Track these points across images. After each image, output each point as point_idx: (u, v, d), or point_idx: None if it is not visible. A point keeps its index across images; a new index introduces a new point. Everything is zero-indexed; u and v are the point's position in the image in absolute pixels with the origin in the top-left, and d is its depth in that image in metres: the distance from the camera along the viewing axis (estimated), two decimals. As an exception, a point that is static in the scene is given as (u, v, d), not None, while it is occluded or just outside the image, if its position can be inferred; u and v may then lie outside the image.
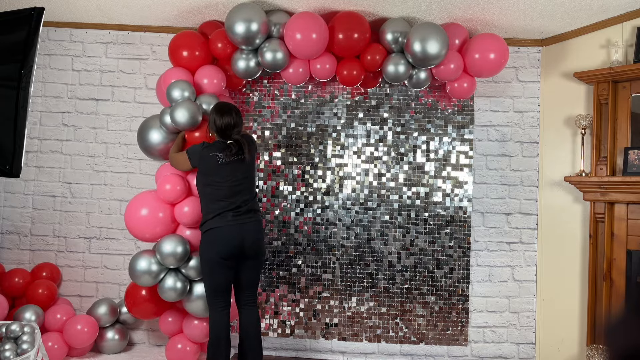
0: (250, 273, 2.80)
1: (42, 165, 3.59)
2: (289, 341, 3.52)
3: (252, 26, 2.92)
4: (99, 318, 3.25)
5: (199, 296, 2.94)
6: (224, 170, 2.69)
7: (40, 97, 3.59)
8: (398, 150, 3.53)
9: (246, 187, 2.75)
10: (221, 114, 2.74)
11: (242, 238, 2.67)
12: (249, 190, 2.76)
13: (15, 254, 3.56)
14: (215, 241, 2.66)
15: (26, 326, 2.53)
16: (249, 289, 2.82)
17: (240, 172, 2.72)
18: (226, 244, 2.65)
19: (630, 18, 3.04)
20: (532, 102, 3.53)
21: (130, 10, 3.31)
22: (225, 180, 2.69)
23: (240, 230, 2.68)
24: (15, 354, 2.40)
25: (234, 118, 2.74)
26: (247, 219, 2.71)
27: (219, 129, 2.73)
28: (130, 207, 2.97)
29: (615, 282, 3.03)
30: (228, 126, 2.72)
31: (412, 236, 3.50)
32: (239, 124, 2.77)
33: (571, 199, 3.33)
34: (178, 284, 2.89)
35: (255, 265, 2.80)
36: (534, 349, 3.48)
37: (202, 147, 2.76)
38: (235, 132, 2.74)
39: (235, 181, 2.70)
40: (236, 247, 2.67)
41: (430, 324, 3.48)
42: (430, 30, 2.96)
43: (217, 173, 2.69)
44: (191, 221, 2.95)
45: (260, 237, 2.77)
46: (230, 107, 2.79)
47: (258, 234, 2.75)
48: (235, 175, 2.70)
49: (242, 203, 2.71)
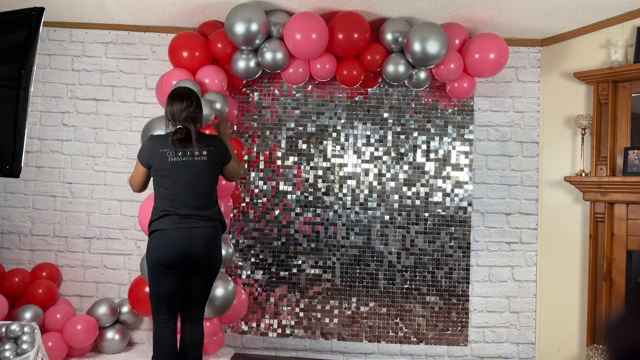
0: (197, 288, 2.50)
1: (42, 165, 3.59)
2: (289, 341, 3.52)
3: (252, 26, 2.92)
4: (99, 318, 3.25)
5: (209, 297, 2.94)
6: (175, 169, 2.41)
7: (40, 97, 3.59)
8: (398, 150, 3.53)
9: (201, 190, 2.44)
10: (172, 100, 2.45)
11: (188, 245, 2.37)
12: (205, 195, 2.46)
13: (15, 254, 3.56)
14: (158, 246, 2.38)
15: (26, 326, 2.53)
16: (196, 301, 2.52)
17: (193, 173, 2.42)
18: (169, 251, 2.36)
19: (630, 18, 3.04)
20: (532, 102, 3.53)
21: (130, 10, 3.31)
22: (173, 178, 2.41)
23: (187, 236, 2.37)
24: (15, 354, 2.40)
25: (185, 104, 2.42)
26: (197, 224, 2.40)
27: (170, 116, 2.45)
28: (145, 207, 2.93)
29: (615, 282, 3.03)
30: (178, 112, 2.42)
31: (412, 236, 3.50)
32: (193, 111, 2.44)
33: (571, 199, 3.33)
34: None
35: (205, 280, 2.50)
36: (534, 349, 3.48)
37: (150, 140, 2.49)
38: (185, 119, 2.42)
39: (188, 182, 2.41)
40: (180, 255, 2.36)
41: (430, 324, 3.48)
42: (430, 30, 2.96)
43: (167, 170, 2.41)
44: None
45: (212, 247, 2.44)
46: (184, 92, 2.48)
47: (210, 243, 2.43)
48: (187, 175, 2.41)
49: (193, 206, 2.41)
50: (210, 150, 2.47)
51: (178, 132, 2.41)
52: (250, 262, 3.53)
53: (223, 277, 3.05)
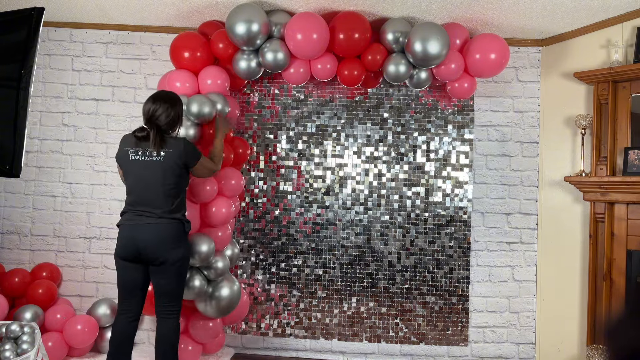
0: (158, 280, 2.56)
1: (42, 165, 3.59)
2: (289, 341, 3.52)
3: (253, 27, 2.92)
4: (99, 318, 3.25)
5: (214, 297, 2.94)
6: (134, 167, 2.53)
7: (40, 97, 3.59)
8: (398, 150, 3.53)
9: (157, 190, 2.50)
10: (146, 100, 2.57)
11: (135, 241, 2.47)
12: (161, 194, 2.51)
13: (15, 254, 3.56)
14: (118, 240, 2.54)
15: (26, 326, 2.53)
16: (161, 298, 2.59)
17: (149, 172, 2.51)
18: (123, 245, 2.51)
19: (630, 18, 3.04)
20: (532, 102, 3.53)
21: (130, 10, 3.30)
22: (134, 177, 2.53)
23: (136, 232, 2.48)
24: (15, 354, 2.40)
25: (154, 107, 2.52)
26: (148, 221, 2.49)
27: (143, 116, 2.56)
28: None
29: (615, 282, 3.03)
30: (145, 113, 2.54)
31: (412, 236, 3.50)
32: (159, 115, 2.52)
33: (571, 199, 3.33)
34: (197, 283, 2.89)
35: (163, 272, 2.53)
36: (534, 349, 3.48)
37: (121, 141, 2.62)
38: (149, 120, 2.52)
39: (144, 180, 2.51)
40: (132, 250, 2.49)
41: (430, 324, 3.48)
42: (431, 30, 2.96)
43: (128, 167, 2.55)
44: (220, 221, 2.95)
45: (163, 244, 2.48)
46: (158, 95, 2.58)
47: (160, 239, 2.48)
48: (144, 173, 2.51)
49: (148, 204, 2.50)
50: (168, 153, 2.52)
51: (138, 130, 2.55)
52: (250, 262, 3.53)
53: (229, 278, 3.05)
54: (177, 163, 2.52)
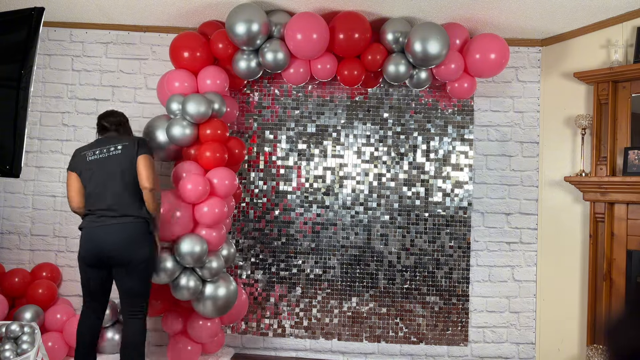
0: (122, 282, 2.55)
1: (42, 165, 3.59)
2: (289, 341, 3.52)
3: (253, 27, 2.92)
4: (99, 318, 3.25)
5: (210, 297, 2.94)
6: (92, 167, 2.55)
7: (40, 97, 3.59)
8: (398, 150, 3.53)
9: (119, 187, 2.52)
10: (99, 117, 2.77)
11: (99, 243, 2.47)
12: (121, 192, 2.52)
13: (15, 254, 3.56)
14: (81, 243, 2.53)
15: (26, 326, 2.53)
16: (126, 299, 2.58)
17: (109, 169, 2.54)
18: (86, 248, 2.50)
19: (630, 18, 3.04)
20: (532, 102, 3.53)
21: (130, 10, 3.30)
22: (93, 176, 2.54)
23: (100, 234, 2.48)
24: (15, 354, 2.40)
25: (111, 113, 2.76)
26: (112, 222, 2.48)
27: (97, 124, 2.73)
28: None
29: (615, 282, 3.03)
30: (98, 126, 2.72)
31: (412, 236, 3.50)
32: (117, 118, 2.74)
33: (571, 199, 3.33)
34: (191, 283, 2.89)
35: (128, 273, 2.52)
36: (534, 349, 3.48)
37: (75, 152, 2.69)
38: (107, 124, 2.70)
39: (103, 179, 2.53)
40: (94, 252, 2.48)
41: (430, 324, 3.48)
42: (431, 30, 2.96)
43: (86, 170, 2.56)
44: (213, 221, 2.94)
45: (125, 243, 2.47)
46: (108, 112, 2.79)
47: (122, 238, 2.47)
48: (103, 171, 2.54)
49: (110, 204, 2.50)
50: (125, 146, 2.60)
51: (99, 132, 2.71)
52: (250, 262, 3.53)
53: (225, 277, 3.05)
54: (133, 155, 2.57)
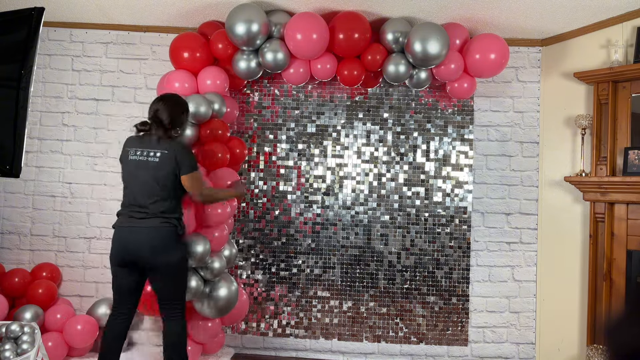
0: (156, 284, 2.55)
1: (42, 165, 3.59)
2: (289, 341, 3.52)
3: (253, 27, 2.92)
4: (99, 318, 3.25)
5: (211, 297, 2.94)
6: (131, 166, 2.52)
7: (40, 97, 3.59)
8: (398, 150, 3.53)
9: (152, 191, 2.48)
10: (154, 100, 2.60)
11: (127, 247, 2.45)
12: (155, 196, 2.48)
13: (15, 254, 3.56)
14: (112, 243, 2.50)
15: (26, 326, 2.52)
16: (162, 301, 2.57)
17: (146, 174, 2.48)
18: (116, 249, 2.48)
19: (630, 18, 3.04)
20: (532, 102, 3.53)
21: (130, 10, 3.30)
22: (130, 176, 2.52)
23: (129, 236, 2.46)
24: (15, 354, 2.40)
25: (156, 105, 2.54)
26: (142, 224, 2.45)
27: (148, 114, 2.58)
28: None
29: (615, 282, 3.03)
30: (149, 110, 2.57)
31: (412, 236, 3.50)
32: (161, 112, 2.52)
33: (571, 199, 3.33)
34: (193, 283, 2.89)
35: (159, 277, 2.52)
36: (534, 349, 3.48)
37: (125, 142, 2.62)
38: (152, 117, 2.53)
39: (139, 181, 2.49)
40: (123, 256, 2.46)
41: (430, 324, 3.48)
42: (430, 30, 2.96)
43: (126, 168, 2.55)
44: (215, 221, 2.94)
45: (151, 246, 2.44)
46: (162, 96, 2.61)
47: (148, 242, 2.44)
48: (140, 174, 2.49)
49: (141, 206, 2.47)
50: (163, 154, 2.50)
51: (140, 124, 2.56)
52: (250, 262, 3.53)
53: (226, 278, 3.05)
54: (171, 165, 2.49)
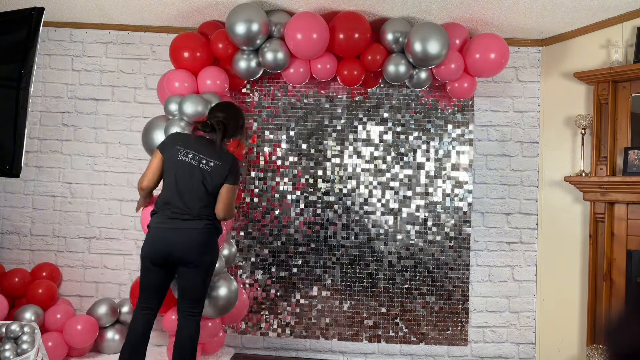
0: (185, 281, 2.55)
1: (42, 165, 3.59)
2: (289, 341, 3.52)
3: (253, 26, 2.92)
4: (99, 318, 3.25)
5: (211, 297, 2.94)
6: (179, 168, 2.49)
7: (40, 97, 3.59)
8: (398, 150, 3.53)
9: (198, 197, 2.48)
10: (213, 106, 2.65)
11: (168, 245, 2.44)
12: (199, 201, 2.49)
13: (15, 254, 3.56)
14: (147, 241, 2.49)
15: (26, 326, 2.53)
16: (186, 298, 2.57)
17: (194, 179, 2.48)
18: (153, 248, 2.47)
19: (630, 18, 3.04)
20: (532, 102, 3.53)
21: (130, 10, 3.30)
22: (179, 177, 2.48)
23: (170, 235, 2.45)
24: (15, 354, 2.40)
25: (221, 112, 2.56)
26: (182, 224, 2.46)
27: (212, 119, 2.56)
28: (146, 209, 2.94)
29: (615, 282, 3.03)
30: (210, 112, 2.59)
31: (412, 236, 3.50)
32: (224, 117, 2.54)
33: (571, 199, 3.33)
34: None
35: (191, 273, 2.51)
36: (534, 349, 3.48)
37: (173, 134, 2.65)
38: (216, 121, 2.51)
39: (186, 185, 2.48)
40: (161, 254, 2.46)
41: (430, 324, 3.48)
42: (430, 30, 2.96)
43: (173, 166, 2.50)
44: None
45: (194, 244, 2.46)
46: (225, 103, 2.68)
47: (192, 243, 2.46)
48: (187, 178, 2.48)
49: (184, 208, 2.47)
50: (217, 165, 2.51)
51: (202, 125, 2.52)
52: (250, 262, 3.53)
53: (226, 277, 3.05)
54: (222, 177, 2.51)
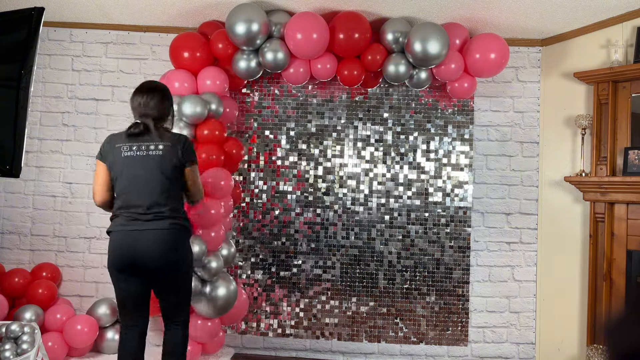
0: (164, 293, 2.37)
1: (42, 165, 3.59)
2: (289, 341, 3.52)
3: (253, 26, 2.92)
4: (99, 318, 3.25)
5: (210, 297, 2.94)
6: (128, 163, 2.27)
7: (40, 97, 3.59)
8: (398, 150, 3.53)
9: (155, 188, 2.26)
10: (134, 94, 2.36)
11: (134, 250, 2.21)
12: (159, 194, 2.26)
13: (15, 254, 3.56)
14: (109, 249, 2.28)
15: (26, 326, 2.53)
16: (168, 308, 2.40)
17: (146, 169, 2.26)
18: (117, 255, 2.25)
19: (630, 18, 3.04)
20: (532, 102, 3.53)
21: (130, 10, 3.30)
22: (127, 174, 2.27)
23: (134, 239, 2.22)
24: (15, 354, 2.40)
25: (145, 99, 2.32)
26: (148, 226, 2.22)
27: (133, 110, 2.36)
28: None
29: (615, 282, 3.03)
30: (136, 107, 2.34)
31: (412, 236, 3.50)
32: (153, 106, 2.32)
33: (571, 199, 3.33)
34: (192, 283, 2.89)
35: (168, 284, 2.33)
36: (534, 349, 3.48)
37: (108, 137, 2.39)
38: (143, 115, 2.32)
39: (139, 179, 2.26)
40: (128, 260, 2.23)
41: (430, 324, 3.48)
42: (430, 30, 2.96)
43: (120, 165, 2.29)
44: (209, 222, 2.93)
45: (166, 250, 2.24)
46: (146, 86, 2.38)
47: (163, 245, 2.23)
48: (139, 171, 2.26)
49: (144, 206, 2.24)
50: (167, 147, 2.29)
51: (133, 127, 2.31)
52: (250, 262, 3.53)
53: (225, 277, 3.05)
54: (176, 157, 2.30)
